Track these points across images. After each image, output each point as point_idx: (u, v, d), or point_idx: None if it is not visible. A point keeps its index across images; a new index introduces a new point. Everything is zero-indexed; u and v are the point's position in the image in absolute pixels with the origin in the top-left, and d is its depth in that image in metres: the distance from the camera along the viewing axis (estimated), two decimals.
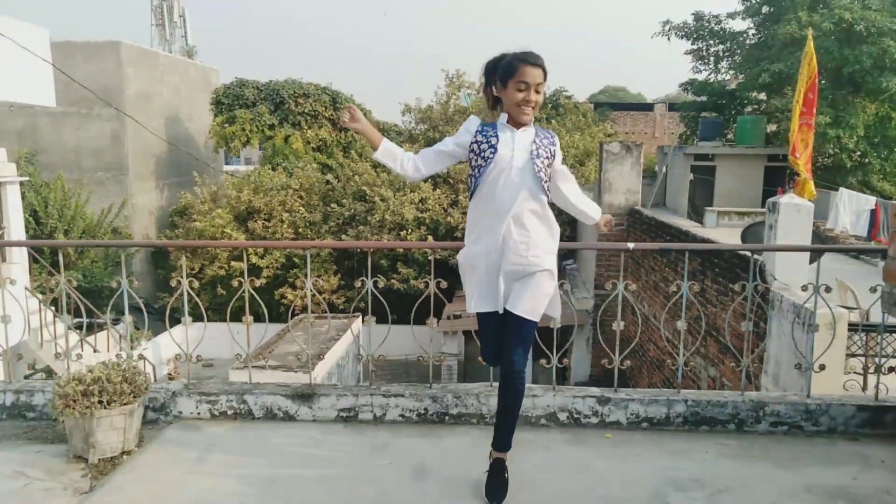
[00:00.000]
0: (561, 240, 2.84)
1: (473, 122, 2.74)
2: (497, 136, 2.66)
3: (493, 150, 2.64)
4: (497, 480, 2.77)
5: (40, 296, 8.70)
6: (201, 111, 24.18)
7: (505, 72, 2.63)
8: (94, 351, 9.39)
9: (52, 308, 8.23)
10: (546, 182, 2.70)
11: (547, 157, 2.69)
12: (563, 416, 3.51)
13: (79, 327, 9.11)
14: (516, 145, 2.65)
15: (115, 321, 11.18)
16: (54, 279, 3.74)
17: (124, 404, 3.12)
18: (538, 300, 2.70)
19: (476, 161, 2.68)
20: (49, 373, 10.52)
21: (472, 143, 2.69)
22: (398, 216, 16.68)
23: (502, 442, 2.81)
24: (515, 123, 2.68)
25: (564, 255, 15.30)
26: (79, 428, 3.07)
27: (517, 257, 2.67)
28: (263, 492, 2.85)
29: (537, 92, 2.60)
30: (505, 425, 2.79)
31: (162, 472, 3.03)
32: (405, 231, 16.69)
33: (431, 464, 3.08)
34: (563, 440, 3.35)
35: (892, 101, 15.92)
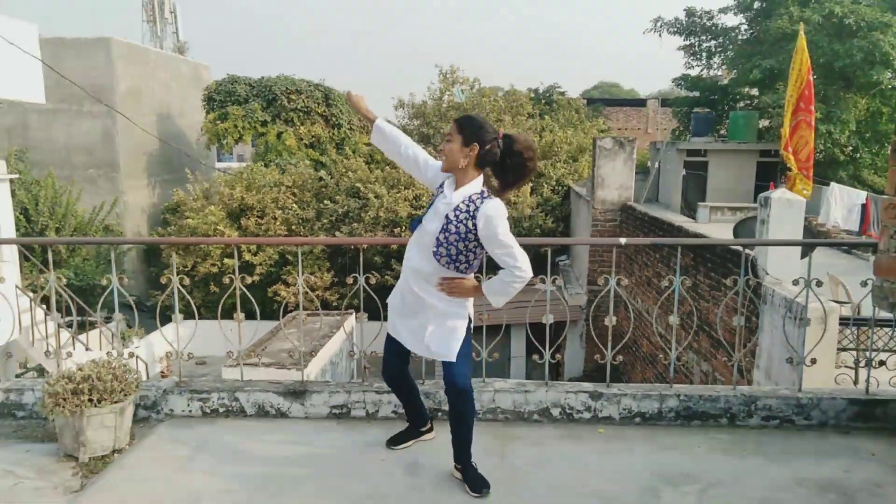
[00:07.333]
0: (554, 234, 2.85)
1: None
2: (441, 194, 2.76)
3: (430, 206, 2.77)
4: (471, 479, 2.80)
5: (31, 294, 8.63)
6: (193, 108, 24.04)
7: None
8: (86, 349, 9.35)
9: (44, 306, 8.17)
10: (445, 257, 2.68)
11: (457, 234, 2.65)
12: (555, 412, 3.51)
13: (70, 325, 9.05)
14: (437, 211, 2.73)
15: (107, 319, 11.11)
16: (45, 277, 3.71)
17: (115, 402, 3.10)
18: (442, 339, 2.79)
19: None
20: (41, 371, 10.45)
21: (437, 186, 2.82)
22: (392, 213, 16.64)
23: (456, 455, 2.87)
24: (456, 180, 2.74)
25: (558, 251, 15.30)
26: (69, 426, 3.05)
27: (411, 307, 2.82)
28: (255, 489, 2.84)
29: (447, 141, 2.71)
30: (454, 439, 2.86)
31: (153, 470, 3.01)
32: (399, 228, 16.66)
33: (423, 460, 3.08)
34: (556, 435, 3.35)
35: (882, 96, 15.99)
